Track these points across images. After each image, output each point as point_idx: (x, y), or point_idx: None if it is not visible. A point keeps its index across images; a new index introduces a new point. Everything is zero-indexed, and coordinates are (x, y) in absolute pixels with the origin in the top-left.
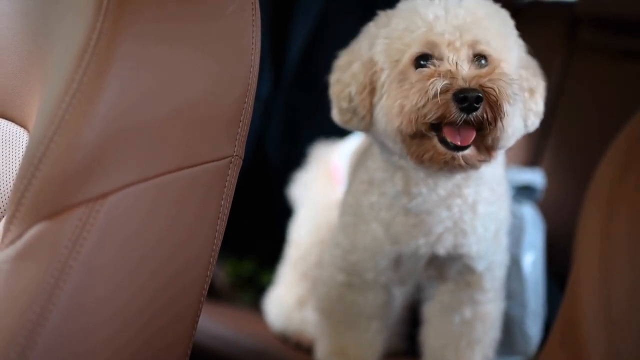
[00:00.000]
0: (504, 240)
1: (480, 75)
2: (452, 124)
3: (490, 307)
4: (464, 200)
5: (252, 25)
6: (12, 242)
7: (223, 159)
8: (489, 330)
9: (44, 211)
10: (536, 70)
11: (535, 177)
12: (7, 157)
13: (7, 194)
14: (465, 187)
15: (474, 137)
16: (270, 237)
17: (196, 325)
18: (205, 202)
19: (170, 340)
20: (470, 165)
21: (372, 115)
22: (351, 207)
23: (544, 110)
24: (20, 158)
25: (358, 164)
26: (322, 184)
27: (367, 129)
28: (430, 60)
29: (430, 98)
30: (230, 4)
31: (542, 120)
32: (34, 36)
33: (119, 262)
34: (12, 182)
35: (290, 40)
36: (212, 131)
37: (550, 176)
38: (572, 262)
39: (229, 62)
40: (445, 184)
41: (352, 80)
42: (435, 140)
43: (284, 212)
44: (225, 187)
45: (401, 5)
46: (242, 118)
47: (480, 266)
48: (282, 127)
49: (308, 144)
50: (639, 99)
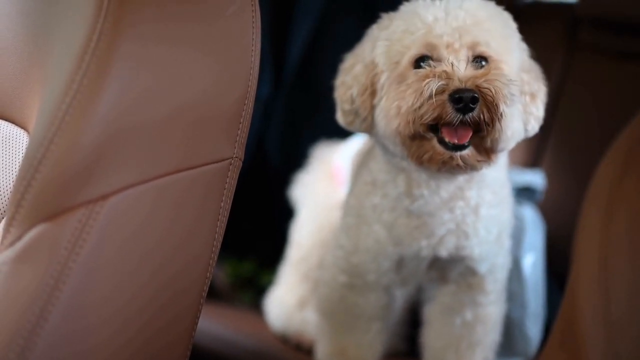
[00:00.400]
0: (506, 243)
1: (477, 76)
2: (449, 125)
3: (492, 309)
4: (466, 202)
5: (252, 26)
6: (12, 243)
7: (223, 160)
8: (490, 332)
9: (43, 213)
10: (538, 74)
11: (536, 178)
12: (7, 158)
13: (7, 196)
14: (468, 190)
15: (471, 136)
16: (270, 238)
17: (196, 326)
18: (204, 204)
19: (170, 341)
20: (469, 166)
21: (373, 117)
22: (354, 209)
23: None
24: (20, 159)
25: (361, 165)
26: (323, 185)
27: (369, 131)
28: (429, 62)
29: (426, 99)
30: (230, 4)
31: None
32: (34, 37)
33: (119, 263)
34: (12, 184)
35: (290, 41)
36: (212, 132)
37: (550, 177)
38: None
39: (229, 63)
40: (447, 186)
41: (354, 82)
42: (434, 141)
43: (283, 213)
44: (225, 188)
45: (402, 8)
46: (242, 119)
47: (482, 268)
48: (282, 128)
49: (308, 145)
50: (639, 100)
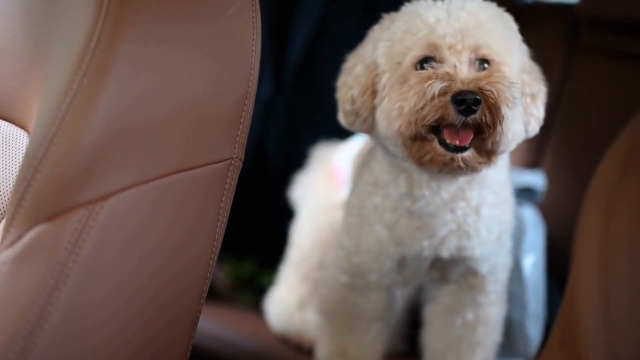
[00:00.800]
0: (507, 243)
1: (479, 78)
2: (451, 126)
3: (492, 310)
4: (467, 203)
5: (253, 26)
6: (12, 244)
7: (223, 161)
8: (491, 333)
9: (43, 213)
10: (538, 75)
11: (536, 179)
12: (7, 158)
13: (6, 196)
14: (469, 191)
15: (472, 138)
16: (270, 239)
17: (196, 326)
18: (205, 205)
19: (170, 341)
20: (469, 168)
21: (373, 118)
22: (355, 209)
23: (544, 111)
24: (20, 160)
25: (363, 165)
26: (323, 185)
27: (370, 131)
28: (431, 63)
29: (429, 100)
30: (230, 4)
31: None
32: (34, 37)
33: (119, 263)
34: (12, 184)
35: (291, 41)
36: (212, 132)
37: (550, 177)
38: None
39: (229, 63)
40: (448, 187)
41: (355, 82)
42: (435, 143)
43: (284, 214)
44: (225, 189)
45: (404, 8)
46: (242, 120)
47: (483, 269)
48: (283, 128)
49: (308, 145)
50: (639, 100)
